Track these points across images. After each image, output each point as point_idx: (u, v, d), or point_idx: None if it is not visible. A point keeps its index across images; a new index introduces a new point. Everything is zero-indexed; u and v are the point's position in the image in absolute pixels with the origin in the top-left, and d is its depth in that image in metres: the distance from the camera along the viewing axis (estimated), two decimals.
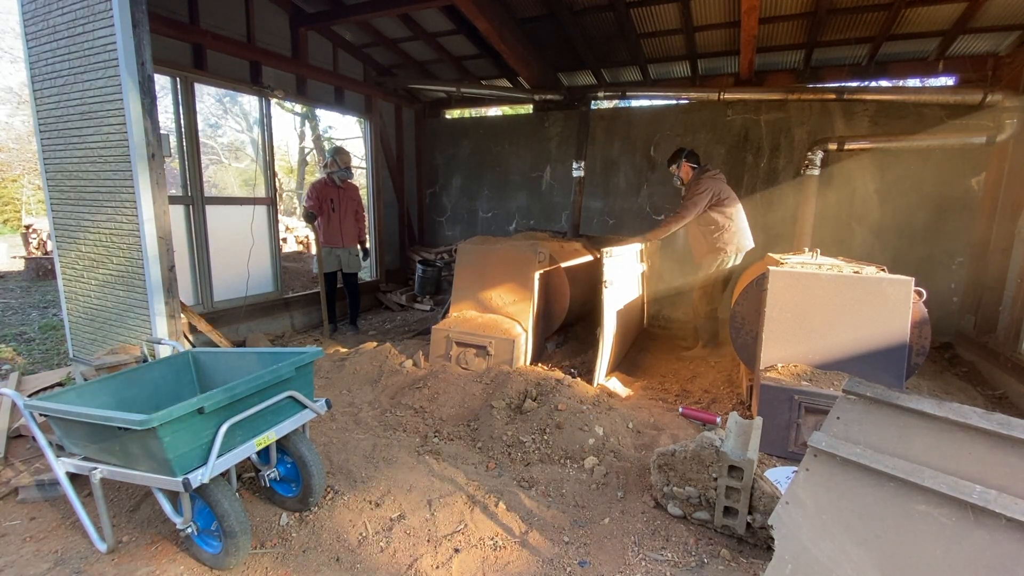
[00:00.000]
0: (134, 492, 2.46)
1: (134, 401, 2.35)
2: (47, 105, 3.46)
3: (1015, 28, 4.53)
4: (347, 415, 3.39)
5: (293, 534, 2.22)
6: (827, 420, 1.84)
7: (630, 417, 3.23)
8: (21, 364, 4.58)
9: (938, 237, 5.22)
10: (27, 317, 6.35)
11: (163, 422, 1.71)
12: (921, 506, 1.52)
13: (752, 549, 2.16)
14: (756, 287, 3.40)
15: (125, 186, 3.16)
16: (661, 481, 2.37)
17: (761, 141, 5.88)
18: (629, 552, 2.15)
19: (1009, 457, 1.51)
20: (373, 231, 7.23)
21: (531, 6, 5.38)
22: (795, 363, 3.03)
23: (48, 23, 3.33)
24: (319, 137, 19.60)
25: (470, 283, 4.35)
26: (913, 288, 2.87)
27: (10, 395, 2.09)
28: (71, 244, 3.59)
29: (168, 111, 4.82)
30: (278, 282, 5.71)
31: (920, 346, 3.07)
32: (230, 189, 18.99)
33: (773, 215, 5.82)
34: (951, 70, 5.17)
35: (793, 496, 1.71)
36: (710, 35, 5.41)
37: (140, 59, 3.00)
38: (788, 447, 2.86)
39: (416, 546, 2.15)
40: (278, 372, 2.12)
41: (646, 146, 6.47)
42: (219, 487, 1.97)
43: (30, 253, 10.30)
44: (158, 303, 3.20)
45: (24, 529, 2.29)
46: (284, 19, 5.65)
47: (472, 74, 7.12)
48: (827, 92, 5.34)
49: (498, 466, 2.81)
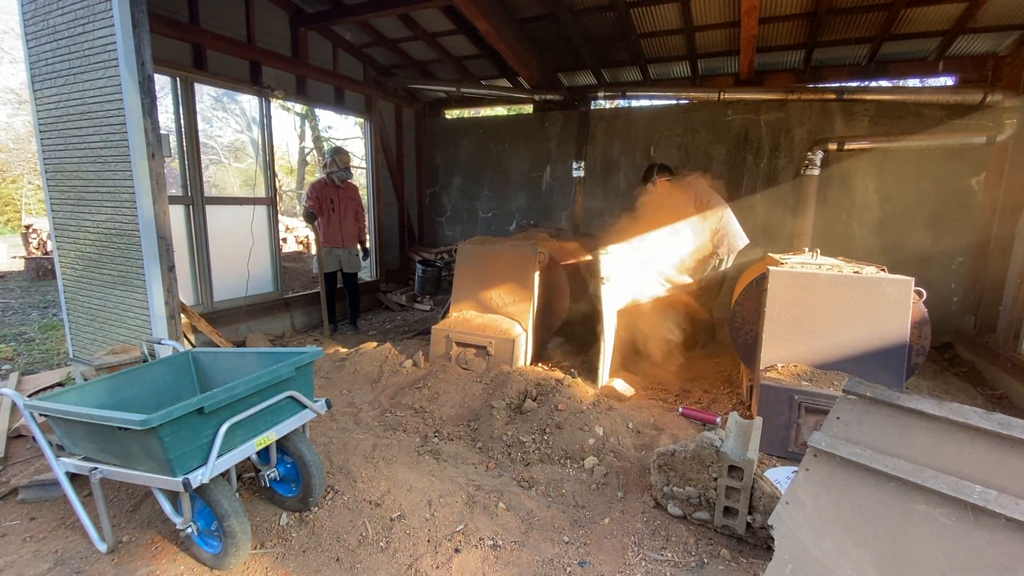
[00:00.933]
0: (134, 492, 2.46)
1: (134, 401, 2.35)
2: (47, 105, 3.46)
3: (1015, 28, 4.53)
4: (347, 415, 3.39)
5: (293, 534, 2.22)
6: (827, 420, 1.84)
7: (630, 417, 3.23)
8: (21, 364, 4.58)
9: (938, 237, 5.22)
10: (27, 317, 6.35)
11: (163, 422, 1.71)
12: (921, 506, 1.52)
13: (752, 549, 2.16)
14: (756, 287, 3.40)
15: (125, 186, 3.16)
16: (661, 481, 2.37)
17: (761, 141, 5.88)
18: (629, 552, 2.15)
19: (1009, 457, 1.51)
20: (373, 231, 7.23)
21: (531, 6, 5.38)
22: (795, 363, 3.03)
23: (48, 23, 3.32)
24: (319, 137, 19.60)
25: (470, 283, 4.35)
26: (913, 288, 2.86)
27: (10, 395, 2.09)
28: (71, 244, 3.59)
29: (168, 111, 4.82)
30: (278, 282, 5.71)
31: (920, 346, 3.07)
32: (230, 189, 18.98)
33: (773, 215, 5.81)
34: (951, 70, 5.17)
35: (793, 496, 1.71)
36: (710, 35, 5.41)
37: (140, 59, 3.00)
38: (788, 447, 2.86)
39: (416, 546, 2.15)
40: (278, 372, 2.12)
41: (646, 146, 6.47)
42: (219, 487, 1.97)
43: (30, 253, 10.30)
44: (158, 303, 3.20)
45: (24, 529, 2.29)
46: (284, 19, 5.65)
47: (472, 74, 7.12)
48: (827, 92, 5.34)
49: (498, 466, 2.81)
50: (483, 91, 6.92)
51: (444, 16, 5.75)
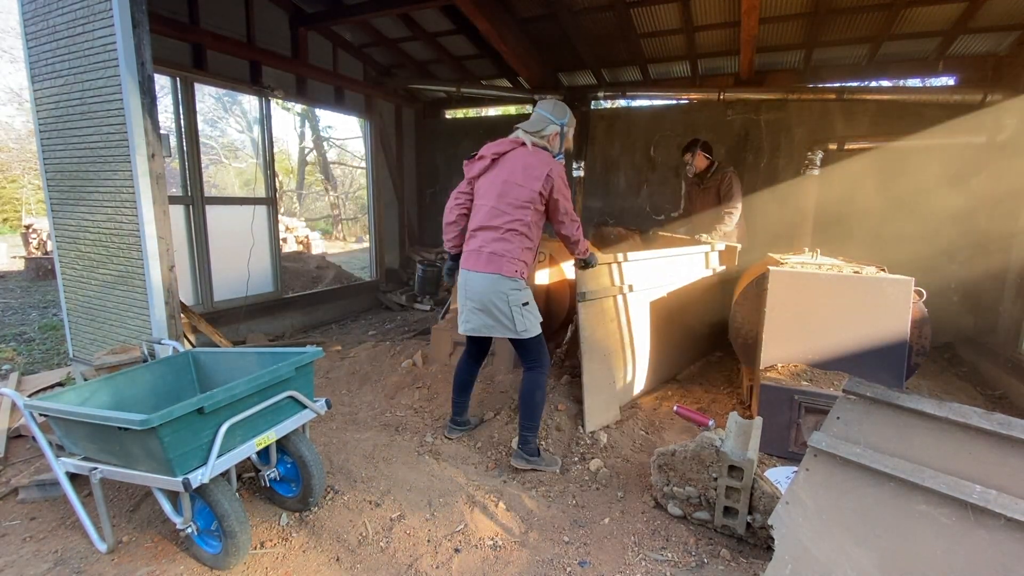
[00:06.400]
0: (134, 492, 2.46)
1: (134, 401, 2.35)
2: (47, 105, 3.46)
3: (1015, 28, 4.53)
4: (347, 415, 3.39)
5: (293, 534, 2.22)
6: (827, 420, 1.84)
7: (630, 416, 3.23)
8: (21, 364, 4.58)
9: (937, 237, 5.22)
10: (27, 317, 6.35)
11: (163, 422, 1.71)
12: (921, 506, 1.52)
13: (752, 549, 2.16)
14: (756, 287, 3.40)
15: (125, 186, 3.16)
16: (661, 481, 2.37)
17: (761, 141, 5.87)
18: (629, 552, 2.15)
19: (1009, 457, 1.51)
20: (373, 231, 7.23)
21: (531, 6, 5.38)
22: (795, 363, 3.03)
23: (48, 23, 3.32)
24: (319, 137, 19.60)
25: None
26: (913, 288, 2.86)
27: (10, 395, 2.09)
28: (71, 244, 3.59)
29: (168, 111, 4.83)
30: (278, 282, 5.72)
31: (920, 346, 3.07)
32: (230, 189, 18.99)
33: (773, 215, 5.81)
34: (951, 70, 5.17)
35: (793, 496, 1.71)
36: (710, 35, 5.41)
37: (140, 59, 3.00)
38: (788, 447, 2.86)
39: (416, 546, 2.15)
40: (278, 372, 2.12)
41: (646, 146, 6.47)
42: (219, 487, 1.97)
43: (30, 253, 10.29)
44: (158, 303, 3.20)
45: (24, 529, 2.29)
46: (284, 19, 5.65)
47: (472, 74, 7.12)
48: (827, 92, 5.33)
49: (498, 466, 2.81)
50: (483, 91, 6.91)
51: (444, 16, 5.75)
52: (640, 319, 3.59)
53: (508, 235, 2.63)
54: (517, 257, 2.63)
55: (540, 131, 2.78)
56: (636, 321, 3.54)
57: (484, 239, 2.67)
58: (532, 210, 2.63)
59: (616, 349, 3.34)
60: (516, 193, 2.62)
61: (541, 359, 2.74)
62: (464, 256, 2.75)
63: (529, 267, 2.73)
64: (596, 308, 3.21)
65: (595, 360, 3.14)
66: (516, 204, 2.62)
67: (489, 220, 2.67)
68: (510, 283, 2.60)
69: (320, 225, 19.45)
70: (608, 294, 3.29)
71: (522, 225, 2.63)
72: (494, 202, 2.66)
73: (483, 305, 2.64)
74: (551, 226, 2.82)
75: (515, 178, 2.63)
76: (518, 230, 2.63)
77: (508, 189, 2.64)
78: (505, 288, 2.60)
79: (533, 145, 2.73)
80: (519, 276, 2.63)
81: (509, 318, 2.61)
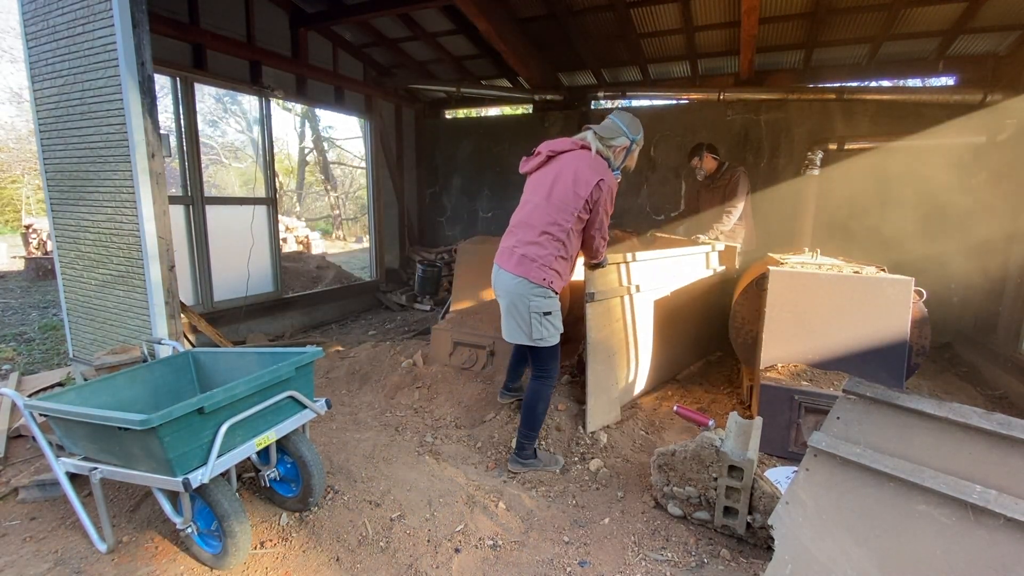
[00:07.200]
0: (134, 492, 2.46)
1: (134, 401, 2.35)
2: (47, 105, 3.46)
3: (1015, 28, 4.53)
4: (347, 415, 3.39)
5: (293, 534, 2.22)
6: (827, 420, 1.84)
7: (630, 416, 3.23)
8: (21, 364, 4.58)
9: (938, 237, 5.22)
10: (27, 317, 6.35)
11: (163, 422, 1.71)
12: (921, 506, 1.52)
13: (752, 549, 2.16)
14: (756, 287, 3.40)
15: (125, 186, 3.16)
16: (661, 481, 2.38)
17: (761, 141, 5.87)
18: (629, 552, 2.15)
19: (1009, 457, 1.51)
20: (373, 231, 7.23)
21: (531, 6, 5.38)
22: (795, 363, 3.03)
23: (48, 23, 3.32)
24: (319, 137, 19.60)
25: (470, 283, 4.34)
26: (913, 288, 2.86)
27: (10, 395, 2.09)
28: (71, 244, 3.59)
29: (168, 111, 4.83)
30: (278, 282, 5.72)
31: (920, 346, 3.07)
32: (230, 189, 19.00)
33: (773, 215, 5.81)
34: (951, 70, 5.17)
35: (793, 496, 1.71)
36: (710, 35, 5.41)
37: (140, 59, 3.00)
38: (788, 447, 2.86)
39: (416, 546, 2.15)
40: (278, 372, 2.12)
41: (646, 146, 6.47)
42: (219, 487, 1.97)
43: (30, 253, 10.29)
44: (158, 303, 3.20)
45: (24, 529, 2.29)
46: (284, 19, 5.65)
47: (472, 74, 7.12)
48: (827, 92, 5.34)
49: (498, 466, 2.81)
50: (483, 91, 6.92)
51: (444, 16, 5.75)
52: (644, 319, 3.58)
53: (543, 238, 2.51)
54: (548, 265, 2.52)
55: (611, 139, 2.68)
56: (640, 321, 3.53)
57: (519, 238, 2.59)
58: (575, 217, 2.51)
59: (620, 349, 3.33)
60: (564, 195, 2.51)
61: (550, 370, 2.70)
62: (498, 251, 2.68)
63: (563, 278, 2.61)
64: (603, 308, 3.19)
65: (599, 361, 3.14)
66: (560, 206, 2.51)
67: (529, 217, 2.58)
68: (534, 289, 2.52)
69: (320, 225, 19.46)
70: (616, 294, 3.28)
71: (560, 231, 2.51)
72: (539, 199, 2.57)
73: (510, 303, 2.60)
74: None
75: (567, 179, 2.52)
76: (555, 235, 2.52)
77: (557, 189, 2.53)
78: (528, 293, 2.52)
79: (597, 152, 2.63)
80: (546, 285, 2.52)
81: (527, 323, 2.56)
